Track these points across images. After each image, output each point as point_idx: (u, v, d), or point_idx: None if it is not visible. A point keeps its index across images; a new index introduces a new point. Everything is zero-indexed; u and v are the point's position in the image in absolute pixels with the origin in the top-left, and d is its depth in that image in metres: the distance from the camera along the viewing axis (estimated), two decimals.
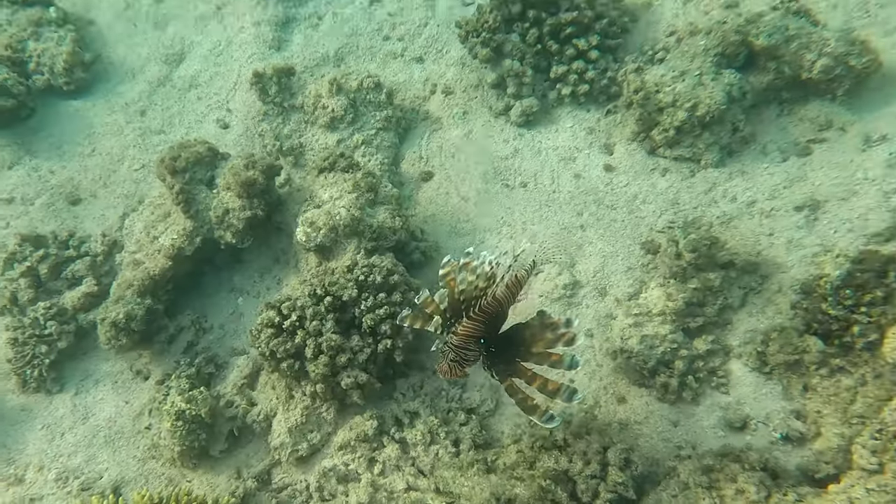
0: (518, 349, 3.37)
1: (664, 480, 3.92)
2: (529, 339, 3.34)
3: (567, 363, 3.18)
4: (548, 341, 3.27)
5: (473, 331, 3.35)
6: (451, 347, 3.33)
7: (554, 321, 3.29)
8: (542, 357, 3.28)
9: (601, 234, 4.99)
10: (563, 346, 3.23)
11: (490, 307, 3.40)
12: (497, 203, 5.40)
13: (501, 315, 3.49)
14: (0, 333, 5.27)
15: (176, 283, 5.14)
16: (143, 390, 5.02)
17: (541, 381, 3.25)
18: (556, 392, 3.19)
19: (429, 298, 3.54)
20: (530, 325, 3.36)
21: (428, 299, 3.54)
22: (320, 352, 4.37)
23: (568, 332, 3.23)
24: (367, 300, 4.48)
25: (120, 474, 4.66)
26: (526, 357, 3.34)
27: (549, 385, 3.22)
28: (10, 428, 4.90)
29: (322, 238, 4.84)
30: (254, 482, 4.46)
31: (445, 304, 3.47)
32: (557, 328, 3.26)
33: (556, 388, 3.20)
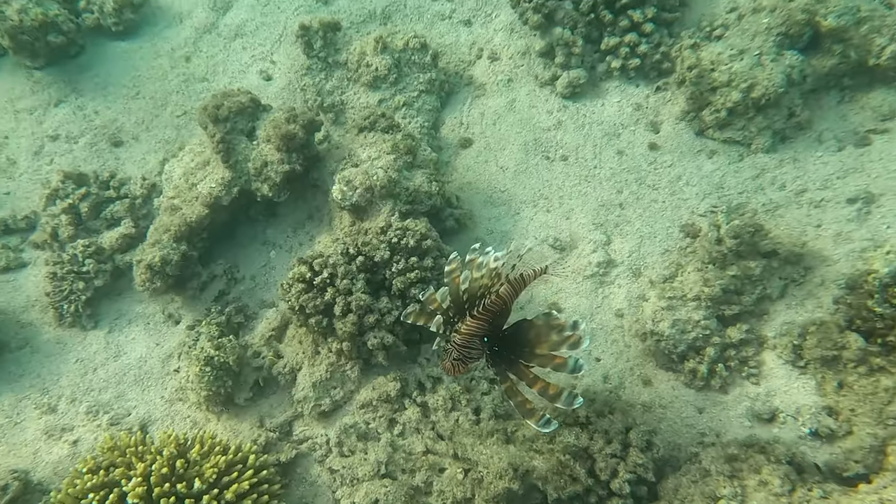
0: (522, 350, 3.31)
1: (685, 465, 3.89)
2: (534, 339, 3.27)
3: (571, 367, 3.12)
4: (552, 343, 3.20)
5: (477, 329, 3.31)
6: (455, 346, 3.29)
7: (560, 322, 3.20)
8: (546, 359, 3.21)
9: (640, 213, 4.88)
10: (568, 348, 3.15)
11: (494, 305, 3.35)
12: (536, 175, 5.31)
13: (505, 312, 3.45)
14: (39, 267, 5.40)
15: (211, 232, 5.17)
16: (174, 334, 5.11)
17: (542, 385, 3.20)
18: (558, 396, 3.13)
19: (433, 295, 3.50)
20: (535, 326, 3.28)
21: (432, 296, 3.50)
22: (349, 310, 4.39)
23: (573, 335, 3.14)
24: (399, 263, 4.47)
25: (147, 413, 4.78)
26: (529, 358, 3.28)
27: (551, 389, 3.16)
28: (46, 359, 5.04)
29: (357, 197, 4.82)
30: (275, 432, 4.54)
31: (448, 302, 3.42)
32: (563, 330, 3.18)
33: (557, 392, 3.14)
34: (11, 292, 5.28)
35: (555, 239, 5.03)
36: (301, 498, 4.34)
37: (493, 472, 4.03)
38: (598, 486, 3.87)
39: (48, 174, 5.73)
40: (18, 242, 5.51)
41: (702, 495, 3.63)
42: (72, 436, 4.65)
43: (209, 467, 3.79)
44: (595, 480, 3.88)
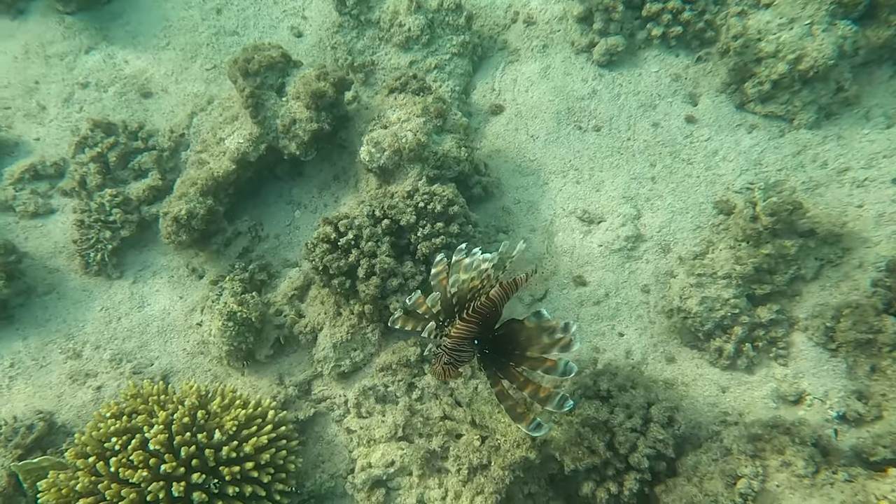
0: (512, 353, 3.27)
1: (705, 443, 3.85)
2: (524, 342, 3.23)
3: (561, 370, 3.07)
4: (543, 346, 3.16)
5: (467, 332, 3.27)
6: (445, 350, 3.26)
7: (551, 325, 3.16)
8: (537, 362, 3.17)
9: (673, 188, 4.77)
10: (559, 351, 3.11)
11: (484, 308, 3.30)
12: (567, 145, 5.21)
13: (495, 315, 3.40)
14: (67, 214, 5.43)
15: (237, 188, 5.15)
16: (197, 288, 5.14)
17: (532, 388, 3.16)
18: (548, 399, 3.10)
19: (420, 299, 3.45)
20: (526, 329, 3.23)
21: (419, 300, 3.45)
22: (372, 273, 4.37)
23: (564, 338, 3.10)
24: (425, 228, 4.42)
25: (169, 364, 4.83)
26: (520, 361, 3.24)
27: (541, 392, 3.13)
28: (72, 305, 5.09)
29: (385, 160, 4.76)
30: (295, 390, 4.57)
31: (438, 307, 3.35)
32: (554, 332, 3.14)
33: (547, 395, 3.11)
34: (39, 238, 5.32)
35: (583, 211, 4.95)
36: (318, 455, 4.38)
37: (511, 441, 4.02)
38: (616, 460, 3.85)
39: (78, 122, 5.73)
40: (47, 188, 5.52)
41: (722, 473, 3.59)
42: (95, 381, 4.72)
43: (229, 420, 3.82)
44: (613, 453, 3.86)
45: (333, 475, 4.28)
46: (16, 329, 4.95)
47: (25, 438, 4.10)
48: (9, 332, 4.94)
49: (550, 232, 5.01)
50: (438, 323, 3.41)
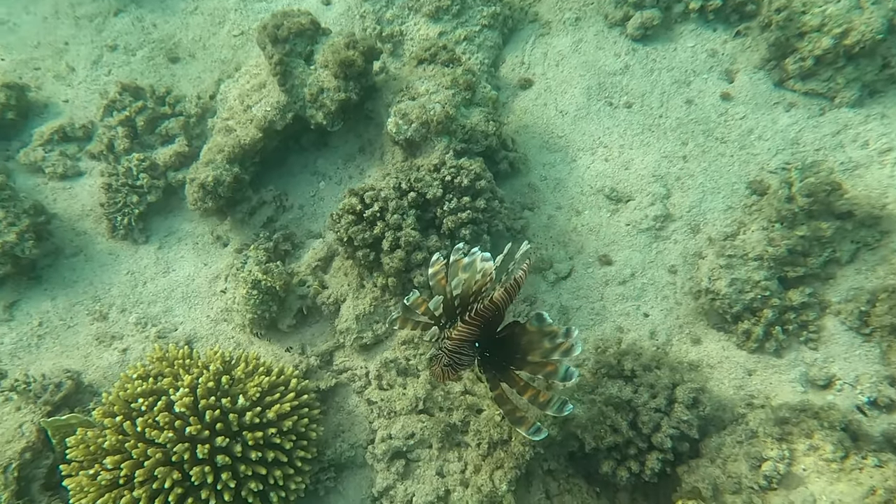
0: (513, 357, 3.24)
1: (730, 426, 3.82)
2: (526, 346, 3.20)
3: (562, 374, 3.05)
4: (545, 350, 3.13)
5: (468, 335, 3.24)
6: (445, 353, 3.23)
7: (553, 330, 3.13)
8: (538, 367, 3.15)
9: (705, 167, 4.68)
10: (560, 355, 3.08)
11: (486, 311, 3.26)
12: (596, 122, 5.12)
13: (498, 318, 3.36)
14: (95, 177, 5.45)
15: (263, 157, 5.13)
16: (221, 256, 5.15)
17: (532, 392, 3.14)
18: (548, 404, 3.08)
19: (419, 299, 3.40)
20: (528, 332, 3.19)
21: (418, 299, 3.40)
22: (397, 246, 4.34)
23: (566, 343, 3.08)
24: (451, 202, 4.38)
25: (193, 330, 4.86)
26: (521, 365, 3.21)
27: (541, 396, 3.12)
28: (99, 268, 5.13)
29: (412, 132, 4.71)
30: (316, 360, 4.58)
31: (441, 311, 3.31)
32: (556, 337, 3.11)
33: (546, 400, 3.09)
34: (68, 200, 5.36)
35: (611, 189, 4.87)
36: (338, 425, 4.40)
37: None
38: (638, 439, 3.83)
39: (106, 84, 5.73)
40: (76, 151, 5.54)
41: (747, 455, 3.56)
42: (121, 344, 4.77)
43: (253, 386, 3.84)
44: (636, 433, 3.84)
45: (353, 445, 4.30)
46: (44, 289, 5.01)
47: (54, 396, 4.16)
48: (37, 291, 5.00)
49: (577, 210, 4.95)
50: (440, 325, 3.37)
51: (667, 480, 3.86)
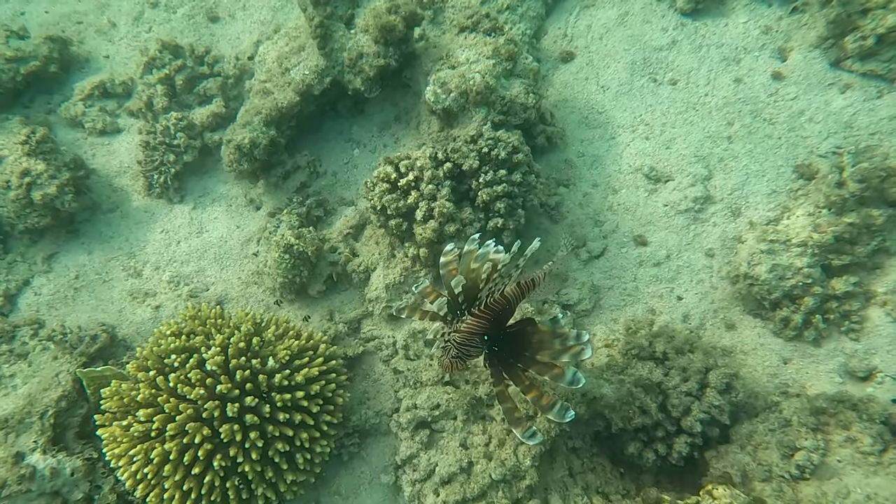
0: (521, 355, 3.18)
1: (762, 413, 3.75)
2: (536, 345, 3.14)
3: (569, 378, 2.99)
4: (554, 352, 3.07)
5: (477, 328, 3.19)
6: (453, 344, 3.18)
7: (565, 332, 3.08)
8: (545, 367, 3.08)
9: (750, 149, 4.54)
10: (570, 359, 3.02)
11: (497, 305, 3.20)
12: (639, 98, 4.99)
13: (508, 312, 3.31)
14: (133, 135, 5.49)
15: (299, 121, 5.10)
16: (254, 219, 5.17)
17: (536, 393, 3.08)
18: (551, 407, 3.02)
19: (428, 287, 3.33)
20: (539, 332, 3.14)
21: (427, 288, 3.33)
22: (431, 216, 4.31)
23: (576, 346, 3.02)
24: (487, 174, 4.32)
25: (224, 291, 4.90)
26: (528, 364, 3.15)
27: (544, 399, 3.05)
28: (134, 225, 5.19)
29: (451, 102, 4.63)
30: (344, 327, 4.59)
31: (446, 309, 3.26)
32: (567, 339, 3.06)
33: (550, 403, 3.03)
34: (106, 156, 5.40)
35: (650, 168, 4.76)
36: (364, 392, 4.42)
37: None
38: (667, 422, 3.79)
39: (146, 42, 5.73)
40: (115, 107, 5.58)
41: (779, 444, 3.50)
42: (154, 301, 4.83)
43: (283, 348, 3.86)
44: (665, 415, 3.80)
45: (378, 412, 4.32)
46: (81, 243, 5.08)
47: (89, 347, 4.23)
48: (75, 245, 5.07)
49: (613, 188, 4.86)
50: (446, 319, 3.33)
51: (693, 465, 3.82)
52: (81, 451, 3.96)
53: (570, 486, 4.01)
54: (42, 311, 4.76)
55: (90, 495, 3.89)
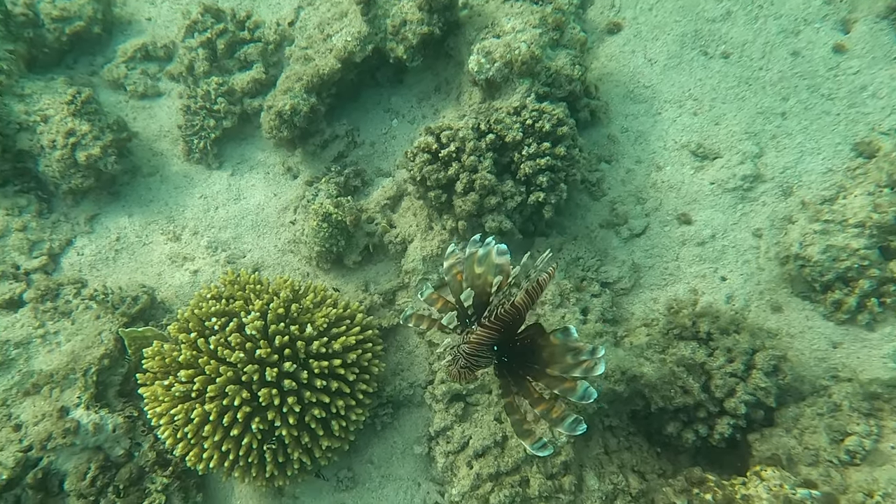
0: (532, 367, 3.08)
1: (810, 397, 3.66)
2: (547, 358, 3.03)
3: (580, 393, 2.86)
4: (566, 366, 2.95)
5: (487, 339, 3.10)
6: (462, 354, 3.10)
7: (578, 346, 2.94)
8: (556, 381, 2.97)
9: (805, 126, 4.38)
10: (581, 373, 2.89)
11: (507, 315, 3.10)
12: (688, 72, 4.83)
13: (518, 321, 3.20)
14: (173, 99, 5.49)
15: (339, 90, 5.04)
16: (291, 188, 5.14)
17: (545, 406, 2.96)
18: (561, 421, 2.90)
19: (434, 294, 3.25)
20: (551, 345, 3.02)
21: (433, 295, 3.24)
22: (471, 189, 4.23)
23: (589, 361, 2.89)
24: (531, 147, 4.22)
25: (261, 258, 4.90)
26: (538, 377, 3.05)
27: (554, 412, 2.93)
28: (174, 190, 5.20)
29: (495, 72, 4.53)
30: (380, 298, 4.57)
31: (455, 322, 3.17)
32: (580, 354, 2.93)
33: (560, 416, 2.91)
34: (147, 119, 5.41)
35: (697, 145, 4.63)
36: (398, 364, 4.41)
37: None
38: (710, 403, 3.71)
39: (188, 4, 5.68)
40: (156, 70, 5.57)
41: (828, 428, 3.41)
42: (192, 265, 4.85)
43: (320, 316, 3.85)
44: (708, 396, 3.72)
45: (412, 384, 4.31)
46: (122, 205, 5.10)
47: (131, 308, 4.27)
48: (115, 207, 5.10)
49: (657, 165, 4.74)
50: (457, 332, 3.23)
51: (734, 447, 3.75)
52: (122, 408, 4.02)
53: (606, 464, 3.96)
54: (84, 272, 4.81)
55: (130, 452, 3.95)
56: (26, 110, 4.70)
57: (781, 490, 2.96)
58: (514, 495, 3.77)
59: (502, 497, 3.77)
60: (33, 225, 4.82)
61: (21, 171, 4.83)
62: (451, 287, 3.29)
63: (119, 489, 3.80)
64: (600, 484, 3.88)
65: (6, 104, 4.64)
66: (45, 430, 3.80)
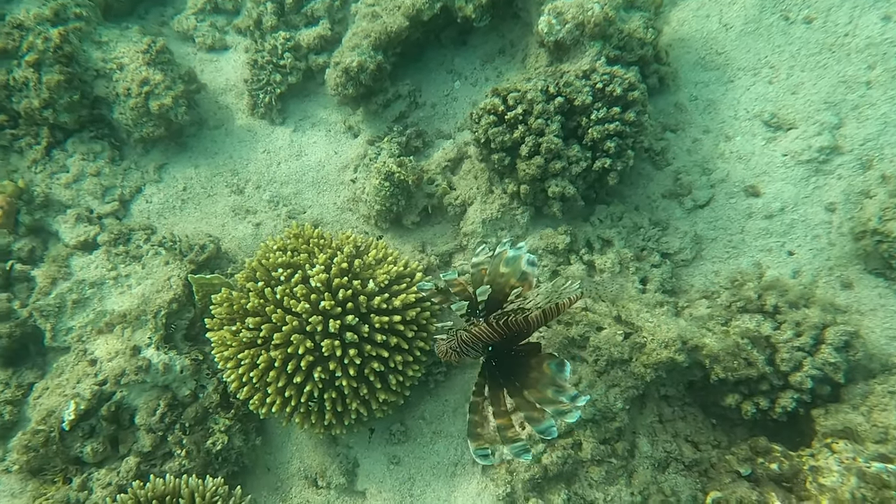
0: (513, 382, 3.06)
1: (881, 374, 3.58)
2: (531, 382, 3.01)
3: (543, 427, 2.87)
4: (544, 397, 2.93)
5: (486, 338, 3.13)
6: (458, 340, 3.14)
7: (563, 386, 2.94)
8: (527, 405, 2.96)
9: (892, 96, 4.20)
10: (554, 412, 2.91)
11: (516, 325, 3.11)
12: (766, 38, 4.66)
13: (523, 336, 3.21)
14: (239, 53, 5.53)
15: (403, 49, 5.01)
16: (351, 146, 5.17)
17: (505, 422, 2.96)
18: (511, 442, 2.90)
19: (457, 280, 3.25)
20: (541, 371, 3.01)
21: (456, 280, 3.25)
22: (536, 152, 4.19)
23: (567, 405, 2.88)
24: (600, 111, 4.14)
25: (320, 214, 4.95)
26: (514, 393, 3.03)
27: (510, 432, 2.94)
28: (238, 143, 5.27)
29: (565, 33, 4.44)
30: (437, 259, 4.58)
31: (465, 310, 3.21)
32: (562, 393, 2.91)
33: (512, 438, 2.91)
34: (214, 72, 5.47)
35: (771, 115, 4.48)
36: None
37: (659, 341, 3.89)
38: (774, 376, 3.65)
39: None
40: (224, 24, 5.62)
41: None
42: (255, 218, 4.93)
43: (382, 273, 3.89)
44: (773, 369, 3.66)
45: None
46: (189, 156, 5.20)
47: (198, 256, 4.37)
48: (183, 157, 5.20)
49: (727, 135, 4.61)
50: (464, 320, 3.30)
51: (794, 422, 3.70)
52: (188, 351, 4.14)
53: (660, 432, 3.95)
54: (152, 219, 4.93)
55: (196, 393, 4.08)
56: (103, 58, 4.79)
57: (854, 462, 2.91)
58: (567, 457, 3.79)
59: (555, 458, 3.79)
60: (106, 171, 4.95)
61: (97, 117, 4.95)
62: (474, 280, 3.31)
63: (185, 427, 3.94)
64: (653, 451, 3.88)
65: (85, 51, 4.74)
66: (119, 366, 3.95)
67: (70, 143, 4.96)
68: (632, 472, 3.85)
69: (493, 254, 3.32)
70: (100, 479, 3.86)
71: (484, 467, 4.07)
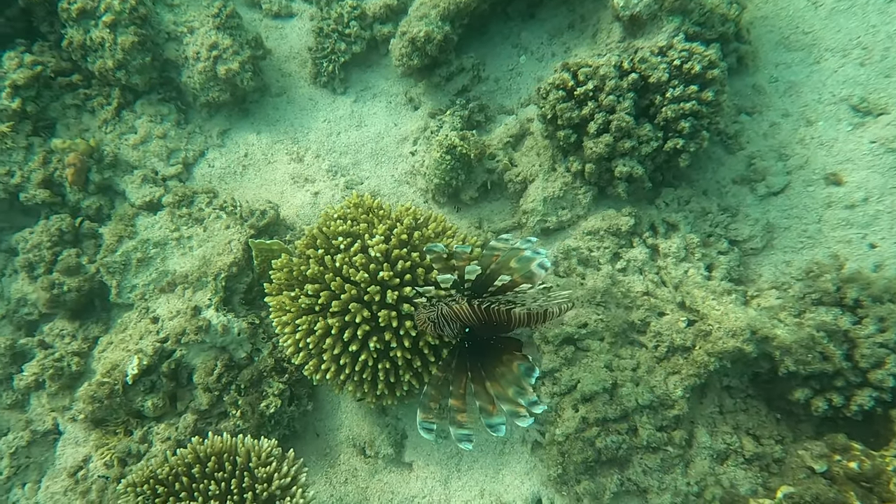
0: (479, 370, 3.01)
1: None
2: (497, 375, 2.96)
3: (492, 422, 2.86)
4: (504, 395, 2.89)
5: (465, 318, 3.04)
6: (438, 312, 3.06)
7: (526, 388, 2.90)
8: (485, 396, 2.91)
9: None
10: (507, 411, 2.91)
11: (496, 316, 3.01)
12: (860, 17, 4.38)
13: (502, 329, 3.10)
14: (304, 21, 5.49)
15: (470, 20, 4.89)
16: (411, 119, 5.10)
17: (459, 404, 2.92)
18: (458, 426, 2.88)
19: (466, 255, 3.14)
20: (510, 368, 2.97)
21: (466, 254, 3.14)
22: (605, 130, 4.04)
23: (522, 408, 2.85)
24: (675, 89, 3.96)
25: (377, 186, 4.92)
26: (476, 381, 2.98)
27: (460, 416, 2.91)
28: (299, 112, 5.26)
29: (642, 7, 4.26)
30: (493, 236, 4.50)
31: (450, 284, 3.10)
32: (522, 395, 2.87)
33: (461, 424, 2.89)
34: (278, 39, 5.45)
35: (860, 99, 4.22)
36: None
37: (726, 329, 3.73)
38: (850, 372, 3.47)
39: None
40: None
41: None
42: (313, 187, 4.92)
43: None
44: (851, 365, 3.47)
45: None
46: (251, 123, 5.22)
47: (259, 221, 4.40)
48: (245, 123, 5.23)
49: (808, 119, 4.37)
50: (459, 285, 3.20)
51: (869, 421, 3.51)
52: (246, 315, 4.18)
53: (720, 424, 3.82)
54: (214, 183, 4.98)
55: (251, 356, 4.12)
56: (175, 20, 4.83)
57: None
58: (621, 442, 3.69)
59: (608, 442, 3.70)
60: (172, 134, 5.01)
61: (165, 80, 5.01)
62: (483, 260, 3.22)
63: (241, 388, 3.99)
64: (712, 442, 3.75)
65: (158, 13, 4.79)
66: (180, 325, 4.01)
67: (139, 104, 5.03)
68: (689, 461, 3.73)
69: (513, 246, 3.22)
70: (159, 434, 3.95)
71: (533, 447, 4.00)
